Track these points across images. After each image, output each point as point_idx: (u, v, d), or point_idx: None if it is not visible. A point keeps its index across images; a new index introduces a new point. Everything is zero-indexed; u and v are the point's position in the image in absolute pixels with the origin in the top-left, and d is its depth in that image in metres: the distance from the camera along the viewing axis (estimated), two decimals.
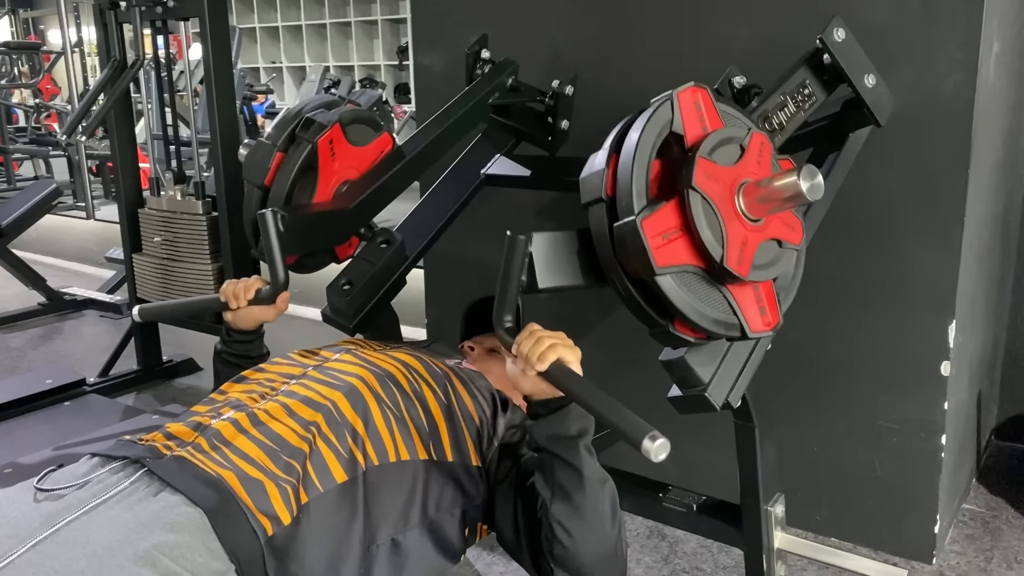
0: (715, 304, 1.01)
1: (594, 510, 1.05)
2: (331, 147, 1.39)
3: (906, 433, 1.60)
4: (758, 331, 1.05)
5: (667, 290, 0.98)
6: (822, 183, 0.99)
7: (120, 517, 0.92)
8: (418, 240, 1.56)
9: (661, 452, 0.90)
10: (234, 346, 1.37)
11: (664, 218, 0.97)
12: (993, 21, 1.47)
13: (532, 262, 1.05)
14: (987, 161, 1.61)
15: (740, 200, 1.01)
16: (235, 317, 1.34)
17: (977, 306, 1.72)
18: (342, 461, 1.03)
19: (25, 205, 3.34)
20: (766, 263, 1.04)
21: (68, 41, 5.20)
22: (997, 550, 1.67)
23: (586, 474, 1.04)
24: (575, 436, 1.04)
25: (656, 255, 0.96)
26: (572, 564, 1.05)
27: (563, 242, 1.09)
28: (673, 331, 1.04)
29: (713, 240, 0.98)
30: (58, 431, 2.20)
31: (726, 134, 1.03)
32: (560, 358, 1.01)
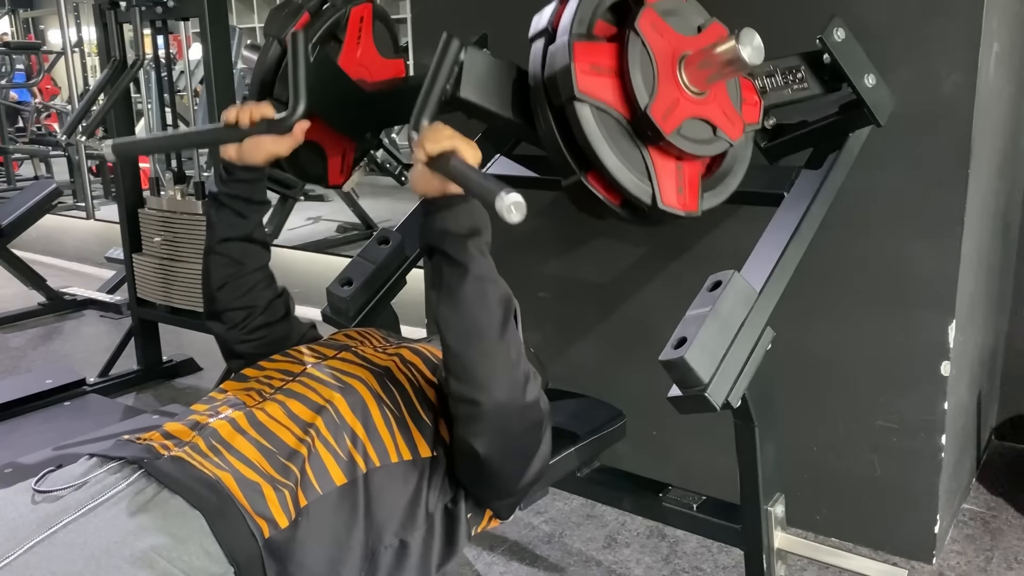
0: (632, 162, 0.99)
1: (482, 309, 0.99)
2: (360, 26, 1.32)
3: (906, 433, 1.60)
4: (670, 205, 1.02)
5: (584, 121, 0.95)
6: (761, 45, 0.97)
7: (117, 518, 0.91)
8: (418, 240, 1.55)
9: (514, 210, 0.85)
10: (234, 186, 1.21)
11: (599, 51, 0.96)
12: (993, 21, 1.47)
13: (461, 71, 1.02)
14: (987, 161, 1.61)
15: (682, 70, 1.00)
16: (240, 149, 1.19)
17: (977, 306, 1.72)
18: (341, 464, 1.02)
19: (25, 205, 3.34)
20: (694, 138, 1.01)
21: (68, 41, 5.21)
22: (997, 550, 1.68)
23: (472, 271, 0.98)
24: (465, 234, 0.98)
25: (580, 79, 0.94)
26: (460, 370, 1.00)
27: (499, 66, 1.07)
28: (586, 183, 1.00)
29: (643, 86, 0.96)
30: (58, 431, 2.20)
31: (686, 8, 1.02)
32: (456, 148, 0.96)
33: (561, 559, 1.70)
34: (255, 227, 1.26)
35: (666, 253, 1.81)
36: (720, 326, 1.12)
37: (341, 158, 1.46)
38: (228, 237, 1.23)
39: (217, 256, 1.24)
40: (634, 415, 1.48)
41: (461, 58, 1.01)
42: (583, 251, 1.93)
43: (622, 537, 1.77)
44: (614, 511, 1.82)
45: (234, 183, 1.22)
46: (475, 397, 1.01)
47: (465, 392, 1.01)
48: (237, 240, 1.24)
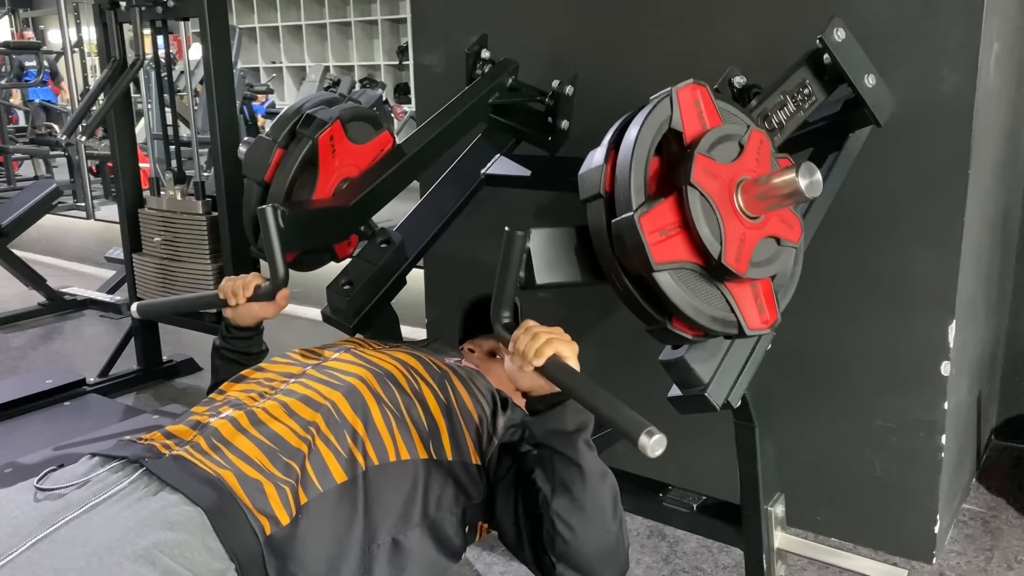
0: (713, 301, 1.01)
1: (595, 503, 1.05)
2: (332, 144, 1.39)
3: (906, 433, 1.60)
4: (756, 328, 1.04)
5: (665, 287, 0.98)
6: (820, 180, 0.99)
7: (119, 516, 0.92)
8: (418, 240, 1.56)
9: (658, 448, 0.90)
10: (233, 342, 1.37)
11: (662, 214, 0.97)
12: (993, 21, 1.47)
13: (530, 258, 1.05)
14: (987, 161, 1.61)
15: (738, 198, 1.01)
16: (234, 314, 1.34)
17: (977, 306, 1.72)
18: (341, 461, 1.03)
19: (25, 205, 3.34)
20: (764, 260, 1.04)
21: (68, 41, 5.21)
22: (997, 550, 1.67)
23: (586, 468, 1.04)
24: (573, 431, 1.05)
25: (654, 251, 0.96)
26: (574, 559, 1.05)
27: (561, 238, 1.09)
28: (671, 328, 1.03)
29: (711, 237, 0.98)
30: (58, 431, 2.20)
31: (725, 131, 1.03)
32: (557, 353, 1.01)
33: None
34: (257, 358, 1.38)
35: None
36: None
37: (346, 243, 1.54)
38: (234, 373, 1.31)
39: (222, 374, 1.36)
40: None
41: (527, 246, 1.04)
42: None
43: None
44: None
45: (233, 340, 1.37)
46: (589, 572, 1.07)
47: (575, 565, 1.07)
48: None
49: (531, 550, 1.10)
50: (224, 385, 1.20)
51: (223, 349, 1.38)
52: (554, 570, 1.06)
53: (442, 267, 2.15)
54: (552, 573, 1.07)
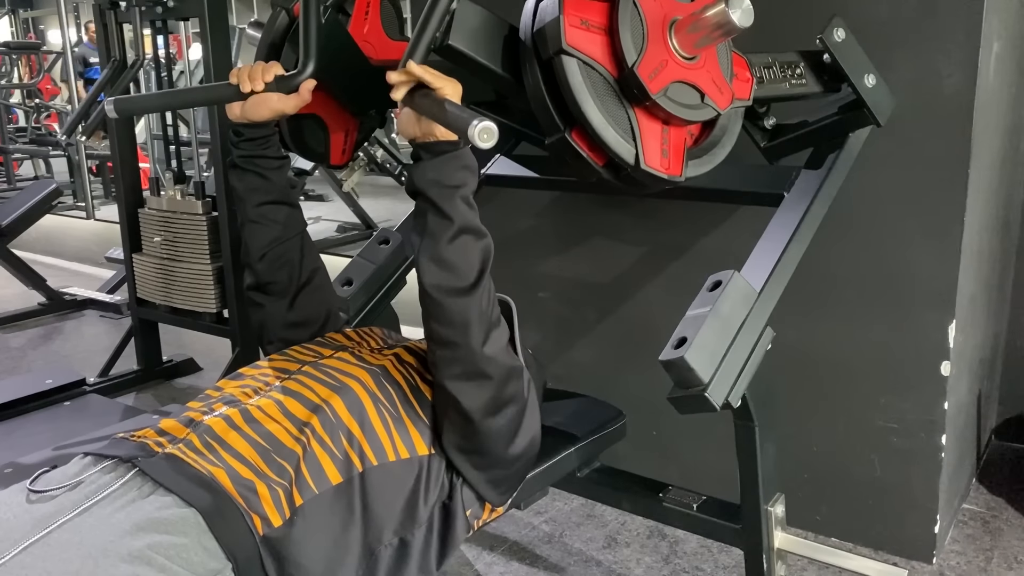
0: (617, 120, 0.99)
1: (462, 258, 1.01)
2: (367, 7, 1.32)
3: (906, 433, 1.60)
4: (652, 167, 1.02)
5: (570, 74, 0.95)
6: (751, 8, 0.98)
7: (113, 518, 0.91)
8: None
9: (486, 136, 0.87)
10: (246, 146, 1.20)
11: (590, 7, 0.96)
12: (993, 20, 1.46)
13: (452, 18, 1.03)
14: (987, 161, 1.60)
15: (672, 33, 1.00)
16: (244, 107, 1.17)
17: (977, 305, 1.72)
18: (337, 463, 1.02)
19: (25, 205, 3.33)
20: (680, 102, 1.02)
21: (68, 41, 5.20)
22: (997, 550, 1.67)
23: (458, 222, 1.00)
24: (455, 185, 1.00)
25: (569, 32, 0.94)
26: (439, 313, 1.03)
27: (490, 20, 1.08)
28: (570, 139, 1.01)
29: (631, 45, 0.96)
30: (58, 431, 2.19)
31: None
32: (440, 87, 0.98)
33: (561, 559, 1.70)
34: (281, 189, 1.24)
35: (666, 253, 1.81)
36: (720, 326, 1.11)
37: (344, 136, 1.44)
38: (258, 202, 1.22)
39: (253, 225, 1.23)
40: (634, 415, 1.48)
41: (453, 6, 1.02)
42: (583, 251, 1.93)
43: (622, 537, 1.76)
44: (614, 511, 1.82)
45: (245, 143, 1.20)
46: (453, 338, 1.02)
47: (444, 333, 1.03)
48: (268, 204, 1.23)
49: None
50: (220, 382, 1.18)
51: (237, 158, 1.20)
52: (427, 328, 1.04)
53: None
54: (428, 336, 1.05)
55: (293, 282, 1.27)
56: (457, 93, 1.00)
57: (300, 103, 1.18)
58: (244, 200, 1.23)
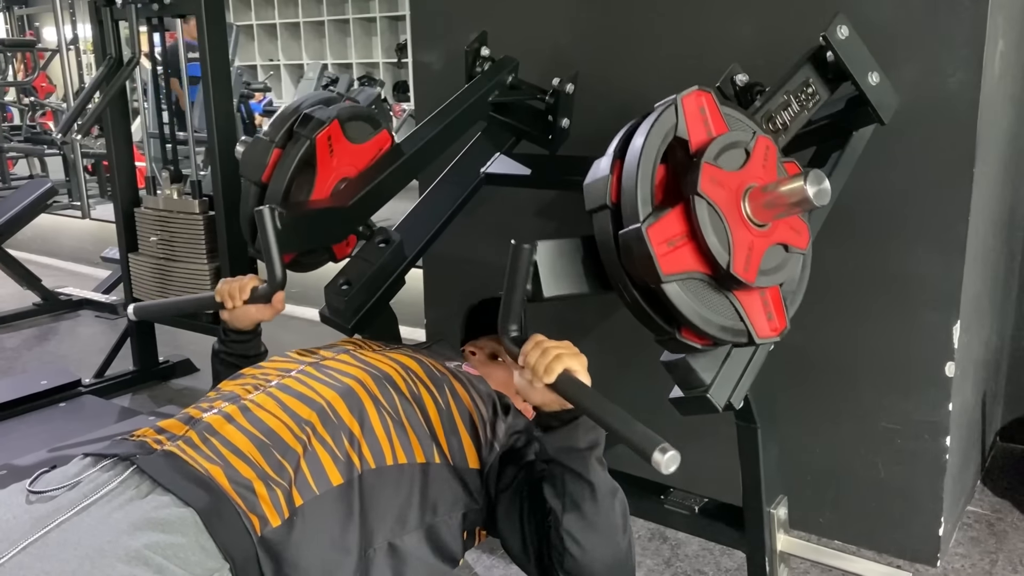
0: (722, 311, 1.01)
1: (606, 521, 1.05)
2: (329, 144, 1.38)
3: (910, 435, 1.59)
4: (765, 337, 1.04)
5: (673, 297, 0.97)
6: (828, 188, 0.98)
7: (111, 517, 0.91)
8: (417, 240, 1.55)
9: (672, 464, 0.90)
10: (231, 345, 1.37)
11: (669, 225, 0.97)
12: (998, 18, 1.46)
13: (537, 271, 1.05)
14: (992, 159, 1.60)
15: (746, 206, 1.01)
16: (231, 316, 1.34)
17: (982, 306, 1.71)
18: (338, 464, 1.02)
19: (20, 204, 3.32)
20: (772, 268, 1.03)
21: (63, 38, 5.17)
22: (1002, 553, 1.66)
23: (597, 486, 1.04)
24: (586, 448, 1.04)
25: (662, 262, 0.95)
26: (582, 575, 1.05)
27: (568, 249, 1.09)
28: (680, 338, 1.03)
29: (719, 246, 0.97)
30: (53, 433, 2.18)
31: (731, 139, 1.02)
32: (567, 368, 1.00)
33: None
34: None
35: None
36: None
37: (344, 243, 1.53)
38: None
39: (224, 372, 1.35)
40: (635, 416, 1.45)
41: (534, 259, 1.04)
42: None
43: None
44: None
45: (231, 343, 1.37)
46: None
47: None
48: None
49: (537, 565, 1.10)
50: (221, 383, 1.20)
51: (222, 353, 1.38)
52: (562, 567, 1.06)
53: (442, 267, 2.14)
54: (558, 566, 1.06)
55: None
56: (585, 366, 1.03)
57: (275, 312, 1.34)
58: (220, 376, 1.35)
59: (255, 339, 1.39)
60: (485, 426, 1.17)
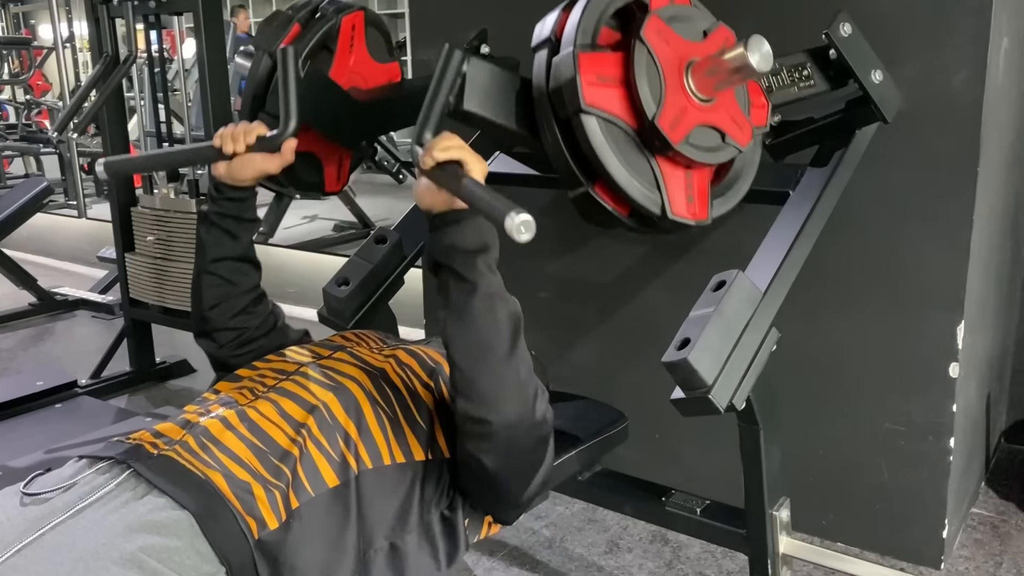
0: (641, 172, 0.98)
1: (490, 327, 0.98)
2: (352, 35, 1.31)
3: (914, 436, 1.58)
4: (679, 215, 1.02)
5: (591, 134, 0.95)
6: (770, 52, 0.96)
7: (106, 520, 0.90)
8: (416, 239, 1.53)
9: (524, 230, 0.85)
10: (224, 204, 1.21)
11: (605, 61, 0.95)
12: (1002, 16, 1.46)
13: (464, 82, 1.01)
14: (996, 158, 1.59)
15: (688, 77, 0.99)
16: (230, 167, 1.18)
17: (986, 306, 1.71)
18: (333, 465, 1.02)
19: (15, 203, 3.31)
20: (703, 146, 1.01)
21: (59, 36, 5.17)
22: (1007, 555, 1.66)
23: (481, 288, 0.98)
24: (472, 250, 0.98)
25: (586, 91, 0.93)
26: (469, 389, 1.00)
27: (503, 77, 1.06)
28: (594, 194, 1.00)
29: (650, 96, 0.95)
30: (49, 434, 2.17)
31: (691, 12, 1.02)
32: (463, 160, 0.96)
33: (562, 564, 1.68)
34: (247, 247, 1.25)
35: (669, 252, 1.79)
36: (724, 327, 1.10)
37: (337, 166, 1.46)
38: (220, 257, 1.23)
39: (208, 276, 1.23)
40: (636, 417, 1.47)
41: (464, 69, 1.01)
42: (584, 250, 1.91)
43: (624, 542, 1.75)
44: (616, 516, 1.81)
45: (224, 201, 1.21)
46: (484, 416, 1.00)
47: (473, 411, 1.01)
48: (229, 260, 1.24)
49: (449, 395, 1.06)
50: (218, 384, 1.18)
51: (212, 214, 1.21)
52: (455, 404, 1.02)
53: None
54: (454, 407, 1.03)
55: (244, 334, 1.26)
56: (483, 171, 0.98)
57: (283, 163, 1.19)
58: (205, 251, 1.22)
59: (251, 199, 1.23)
60: None
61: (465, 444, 1.04)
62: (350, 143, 1.43)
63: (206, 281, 1.23)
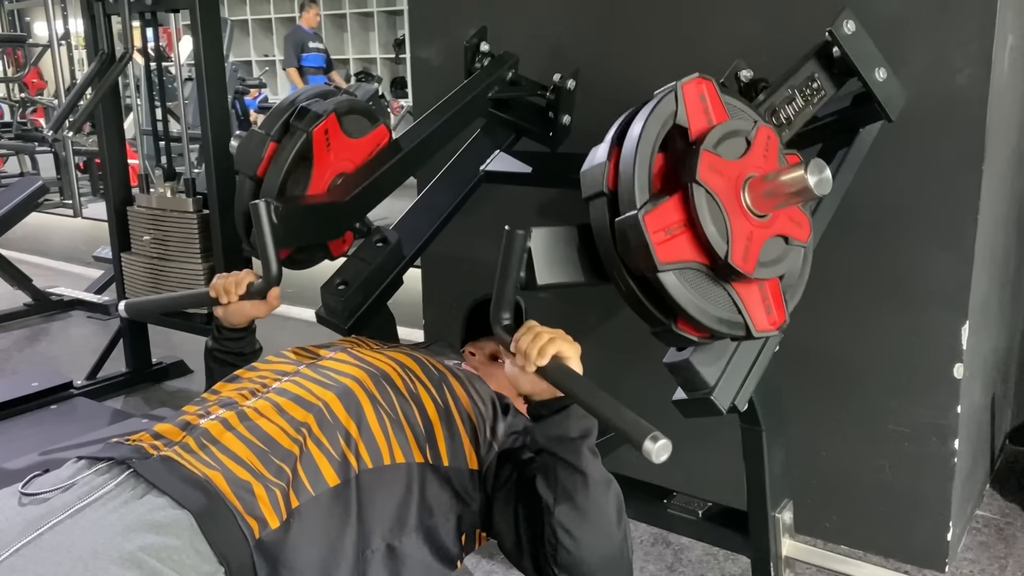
0: (719, 302, 0.99)
1: (599, 512, 1.02)
2: (326, 137, 1.35)
3: (918, 438, 1.58)
4: (764, 330, 1.02)
5: (670, 287, 0.96)
6: (830, 177, 0.96)
7: (105, 520, 0.90)
8: (415, 239, 1.54)
9: (663, 453, 0.88)
10: (225, 343, 1.35)
11: (667, 213, 0.95)
12: (1007, 13, 1.45)
13: (531, 257, 1.03)
14: (1002, 157, 1.59)
15: (746, 195, 0.99)
16: (225, 313, 1.31)
17: (991, 307, 1.70)
18: (334, 464, 1.02)
19: (10, 203, 3.30)
20: (772, 260, 1.02)
21: (55, 34, 5.14)
22: (1012, 558, 1.65)
23: (590, 475, 1.01)
24: (577, 437, 1.02)
25: (658, 250, 0.94)
26: (577, 569, 1.03)
27: (563, 237, 1.07)
28: (676, 330, 1.01)
29: (717, 236, 0.96)
30: (44, 435, 2.16)
31: (731, 127, 1.01)
32: (559, 353, 0.99)
33: None
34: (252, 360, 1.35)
35: None
36: None
37: (342, 241, 1.51)
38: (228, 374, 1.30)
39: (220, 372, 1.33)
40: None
41: (528, 245, 1.02)
42: None
43: None
44: None
45: (225, 341, 1.35)
46: None
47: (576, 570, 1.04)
48: None
49: (531, 560, 1.08)
50: (217, 385, 1.19)
51: (215, 351, 1.36)
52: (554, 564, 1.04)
53: (440, 266, 2.13)
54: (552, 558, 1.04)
55: None
56: (578, 354, 1.01)
57: (271, 309, 1.32)
58: (214, 377, 1.32)
59: (250, 336, 1.36)
60: (484, 425, 1.16)
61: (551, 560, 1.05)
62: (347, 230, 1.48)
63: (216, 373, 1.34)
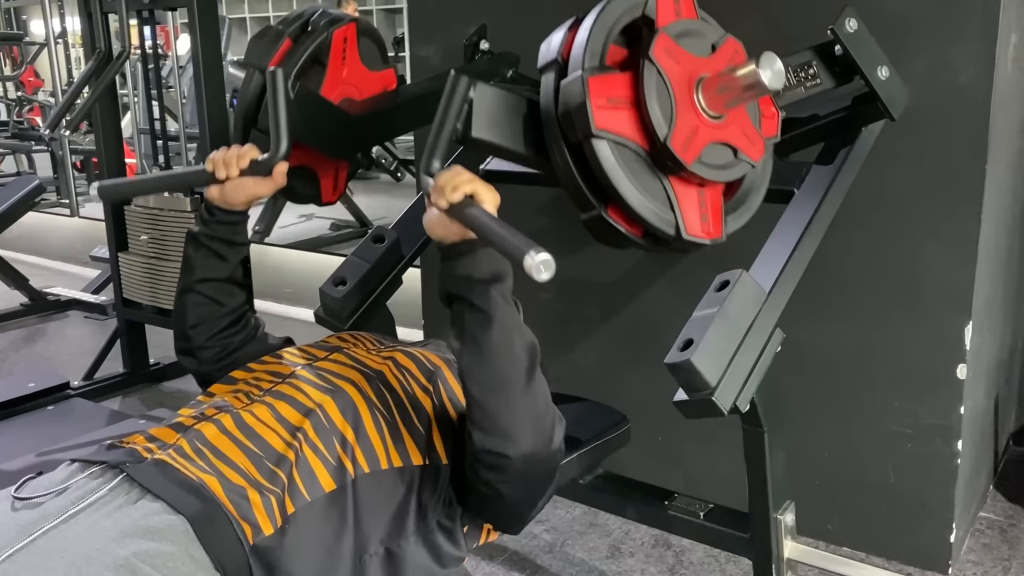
0: (653, 193, 0.98)
1: (507, 358, 0.98)
2: (344, 47, 1.31)
3: (921, 439, 1.57)
4: (694, 235, 1.01)
5: (603, 159, 0.94)
6: (782, 69, 0.96)
7: (99, 525, 0.89)
8: (415, 238, 1.52)
9: (544, 270, 0.85)
10: (215, 227, 1.21)
11: (614, 83, 0.95)
12: (1011, 12, 1.44)
13: (471, 108, 1.01)
14: (1005, 156, 1.58)
15: (699, 94, 0.98)
16: (223, 191, 1.18)
17: (994, 307, 1.70)
18: (330, 469, 1.00)
19: (7, 202, 3.29)
20: (714, 164, 1.00)
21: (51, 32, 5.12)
22: (1015, 559, 1.65)
23: (497, 318, 0.97)
24: (487, 280, 0.98)
25: (597, 115, 0.93)
26: (486, 422, 0.99)
27: (509, 101, 1.05)
28: (606, 216, 1.00)
29: (661, 117, 0.95)
30: (41, 436, 2.15)
31: (698, 27, 1.01)
32: (475, 195, 0.96)
33: (563, 569, 1.67)
34: (235, 268, 1.25)
35: None
36: (728, 327, 1.09)
37: (333, 177, 1.46)
38: (206, 278, 1.23)
39: (194, 295, 1.23)
40: (638, 420, 1.46)
41: (470, 95, 1.00)
42: (585, 250, 1.89)
43: (626, 547, 1.74)
44: (618, 520, 1.79)
45: (216, 224, 1.21)
46: (503, 450, 0.99)
47: (491, 445, 1.00)
48: (216, 281, 1.23)
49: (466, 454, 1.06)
50: (212, 387, 1.17)
51: (201, 235, 1.21)
52: (471, 436, 1.01)
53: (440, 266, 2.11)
54: (470, 440, 1.01)
55: (227, 351, 1.25)
56: (495, 202, 0.98)
57: (276, 187, 1.20)
58: (192, 271, 1.22)
59: (243, 222, 1.23)
60: None
61: (479, 474, 1.02)
62: (345, 156, 1.43)
63: (191, 300, 1.23)
